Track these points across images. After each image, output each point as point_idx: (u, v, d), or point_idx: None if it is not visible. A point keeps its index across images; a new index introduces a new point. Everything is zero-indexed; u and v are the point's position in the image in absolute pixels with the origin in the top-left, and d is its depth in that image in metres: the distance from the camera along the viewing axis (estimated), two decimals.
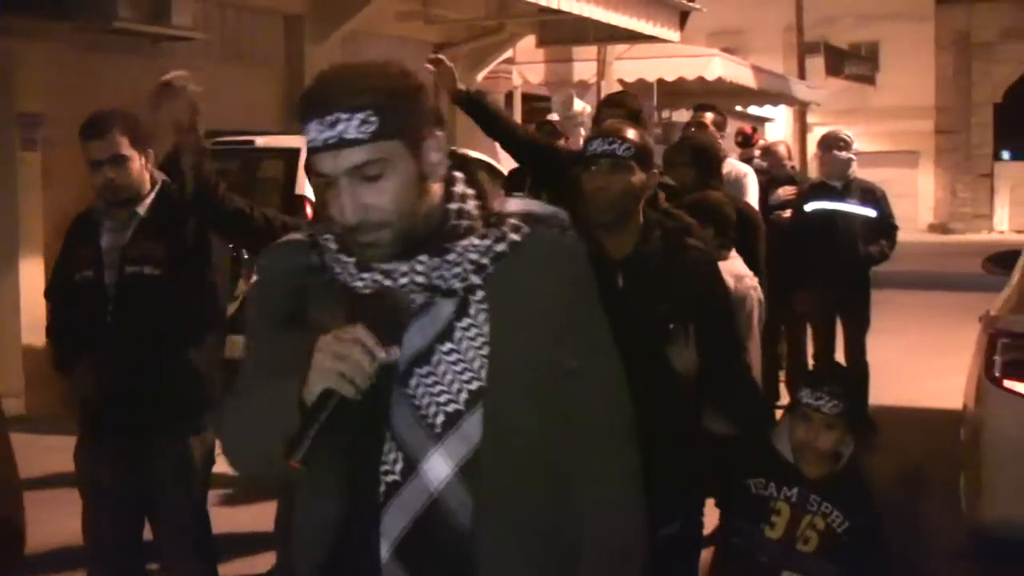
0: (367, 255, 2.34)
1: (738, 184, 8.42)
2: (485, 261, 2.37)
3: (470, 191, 2.46)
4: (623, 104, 6.28)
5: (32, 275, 10.92)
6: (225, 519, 6.60)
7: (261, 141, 10.67)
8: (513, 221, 2.44)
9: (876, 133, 41.95)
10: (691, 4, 15.91)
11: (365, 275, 2.34)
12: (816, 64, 38.45)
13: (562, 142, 8.97)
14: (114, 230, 4.84)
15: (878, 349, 10.02)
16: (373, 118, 2.25)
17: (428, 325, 2.35)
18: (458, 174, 2.46)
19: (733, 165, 8.60)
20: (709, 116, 8.71)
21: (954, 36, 45.17)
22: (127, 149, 4.74)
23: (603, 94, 16.63)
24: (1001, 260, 7.73)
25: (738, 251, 5.99)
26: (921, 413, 10.76)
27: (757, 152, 12.41)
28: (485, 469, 2.33)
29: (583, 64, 17.80)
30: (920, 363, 13.32)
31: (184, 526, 4.98)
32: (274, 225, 4.76)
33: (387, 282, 2.32)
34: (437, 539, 2.33)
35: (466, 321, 2.37)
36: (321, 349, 2.18)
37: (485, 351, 2.36)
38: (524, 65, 18.28)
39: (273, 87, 14.35)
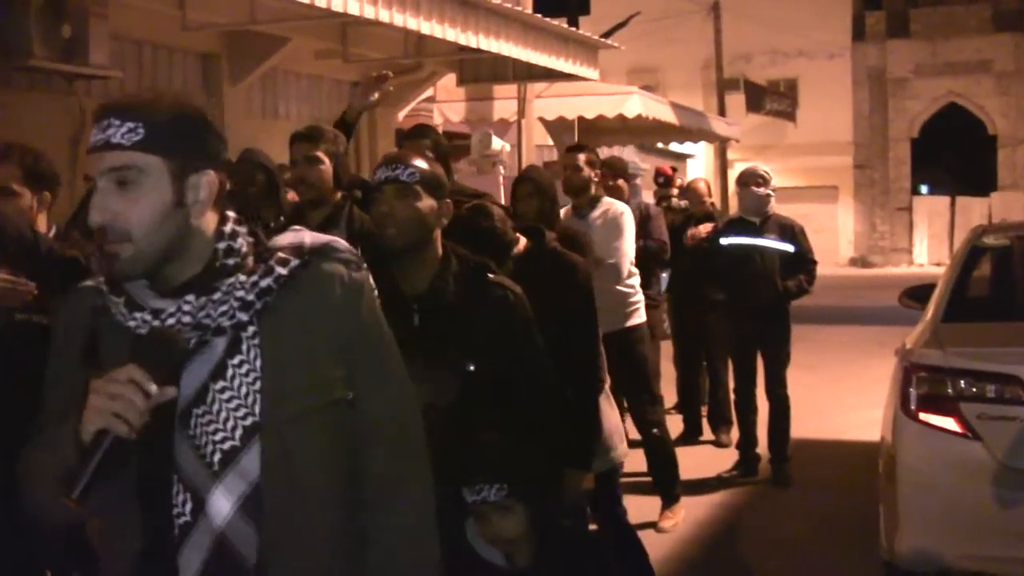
0: (113, 270, 2.36)
1: (614, 224, 8.18)
2: (251, 298, 2.39)
3: (241, 229, 2.48)
4: (425, 135, 6.12)
5: None
6: None
7: None
8: (281, 255, 2.47)
9: (795, 168, 42.37)
10: (609, 42, 15.98)
11: (136, 315, 2.36)
12: (736, 101, 38.81)
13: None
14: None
15: (798, 383, 10.08)
16: (140, 130, 2.32)
17: (202, 364, 2.39)
18: (230, 214, 2.49)
19: (610, 204, 8.35)
20: (582, 156, 8.50)
21: (869, 72, 45.79)
22: (18, 184, 4.65)
23: (523, 132, 16.69)
24: (916, 294, 7.77)
25: None
26: (840, 446, 10.84)
27: (675, 191, 12.48)
28: (267, 504, 2.36)
29: (504, 102, 17.77)
30: (839, 397, 13.43)
31: None
32: None
33: (155, 322, 2.34)
34: None
35: (238, 358, 2.39)
36: (95, 390, 2.21)
37: (258, 386, 2.39)
38: (445, 103, 18.27)
39: None
